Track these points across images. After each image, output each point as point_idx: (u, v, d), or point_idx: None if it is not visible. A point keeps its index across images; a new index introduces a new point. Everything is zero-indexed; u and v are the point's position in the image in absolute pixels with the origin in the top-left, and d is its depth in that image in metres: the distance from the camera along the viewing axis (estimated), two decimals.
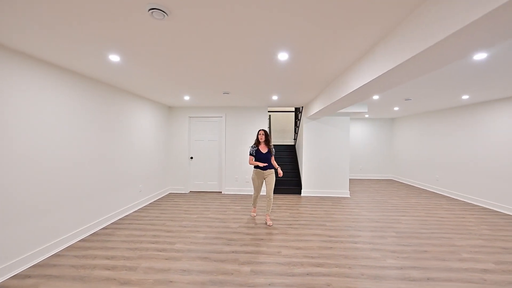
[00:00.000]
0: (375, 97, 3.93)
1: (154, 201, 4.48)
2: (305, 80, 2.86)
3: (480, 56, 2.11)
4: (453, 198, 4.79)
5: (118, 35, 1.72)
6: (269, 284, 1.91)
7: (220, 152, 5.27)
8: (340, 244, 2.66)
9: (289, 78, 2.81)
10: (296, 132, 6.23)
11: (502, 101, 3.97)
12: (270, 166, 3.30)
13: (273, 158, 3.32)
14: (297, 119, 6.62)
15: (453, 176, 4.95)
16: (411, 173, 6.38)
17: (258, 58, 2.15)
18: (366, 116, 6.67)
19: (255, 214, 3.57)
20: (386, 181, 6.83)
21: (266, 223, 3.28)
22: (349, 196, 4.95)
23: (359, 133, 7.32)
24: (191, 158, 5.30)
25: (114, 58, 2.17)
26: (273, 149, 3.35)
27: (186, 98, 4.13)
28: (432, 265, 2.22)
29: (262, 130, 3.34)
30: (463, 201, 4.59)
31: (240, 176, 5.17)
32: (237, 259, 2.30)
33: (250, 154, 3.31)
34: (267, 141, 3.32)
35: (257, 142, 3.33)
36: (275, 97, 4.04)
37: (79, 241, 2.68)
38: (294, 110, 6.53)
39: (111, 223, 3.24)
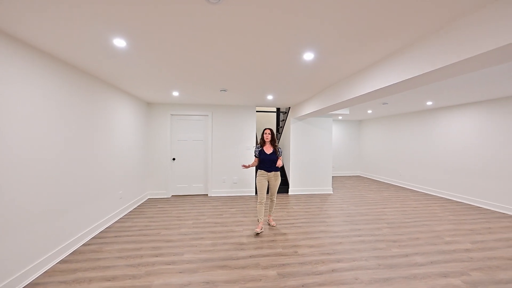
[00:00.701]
0: None
1: (135, 208, 3.98)
2: (310, 81, 2.92)
3: None
4: (415, 191, 5.55)
5: (138, 17, 1.46)
6: (302, 286, 1.89)
7: (206, 153, 4.99)
8: (347, 238, 2.80)
9: (297, 79, 2.83)
10: (279, 132, 6.33)
11: (458, 107, 4.77)
12: (276, 169, 3.06)
13: (280, 158, 3.08)
14: (279, 119, 6.74)
15: (414, 171, 5.72)
16: (377, 170, 7.15)
17: (277, 58, 2.10)
18: (340, 118, 7.20)
19: (259, 231, 2.85)
20: (356, 178, 7.50)
21: (269, 224, 3.23)
22: (332, 192, 5.26)
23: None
24: (173, 159, 4.89)
25: (120, 43, 1.84)
26: (280, 150, 3.13)
27: (175, 94, 3.79)
28: (429, 250, 2.52)
29: (268, 129, 3.13)
30: (424, 192, 5.35)
31: (228, 177, 5.00)
32: (258, 264, 2.21)
33: (255, 156, 3.12)
34: (273, 141, 3.10)
35: (262, 142, 3.12)
36: (270, 97, 4.03)
37: (58, 263, 2.20)
38: (276, 110, 6.63)
39: (91, 238, 2.75)
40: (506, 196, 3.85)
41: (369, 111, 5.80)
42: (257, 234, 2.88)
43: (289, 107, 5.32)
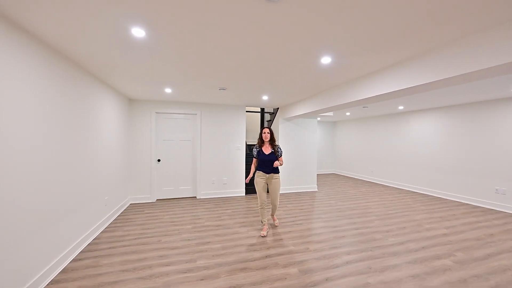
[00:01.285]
0: None
1: (119, 216, 3.60)
2: (316, 83, 3.04)
3: None
4: (386, 185, 6.20)
5: (167, 4, 1.35)
6: (326, 279, 1.97)
7: (195, 153, 4.78)
8: (347, 232, 3.00)
9: (304, 81, 2.92)
10: None
11: (424, 111, 5.48)
12: (275, 170, 2.92)
13: (281, 159, 2.93)
14: (263, 119, 6.81)
15: (385, 168, 6.39)
16: (350, 168, 7.76)
17: (294, 61, 2.16)
18: (318, 119, 7.62)
19: (265, 234, 2.86)
20: (332, 175, 8.02)
21: (273, 224, 3.24)
22: (317, 190, 5.55)
23: None
24: (158, 160, 4.55)
25: (138, 33, 1.67)
26: (280, 150, 2.99)
27: (168, 90, 3.54)
28: (417, 237, 2.86)
29: (267, 128, 3.02)
30: (394, 187, 6.01)
31: (217, 178, 4.87)
32: (277, 263, 2.23)
33: (254, 157, 3.05)
34: (272, 141, 3.00)
35: (260, 142, 3.03)
36: (265, 97, 4.06)
37: (49, 283, 1.88)
38: (260, 110, 6.68)
39: (80, 252, 2.41)
40: (461, 188, 4.58)
41: (348, 113, 6.28)
42: (263, 236, 2.86)
43: (277, 108, 5.43)
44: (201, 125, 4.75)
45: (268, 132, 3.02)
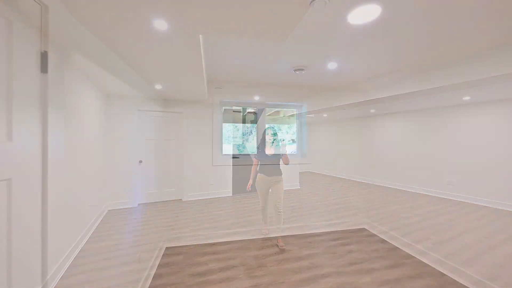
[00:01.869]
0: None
1: (100, 223, 3.24)
2: (311, 85, 3.22)
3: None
4: (359, 181, 6.81)
5: None
6: (337, 271, 2.13)
7: (180, 154, 4.56)
8: (344, 224, 3.25)
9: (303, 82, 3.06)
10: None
11: (392, 114, 6.18)
12: (278, 172, 2.82)
13: (285, 156, 2.79)
14: (245, 119, 6.81)
15: (356, 165, 7.02)
16: (325, 166, 8.31)
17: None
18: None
19: (267, 232, 2.96)
20: (308, 173, 8.47)
21: (277, 245, 2.60)
22: (299, 187, 5.81)
23: None
24: (140, 162, 4.22)
25: (161, 25, 1.56)
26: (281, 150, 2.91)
27: (158, 87, 3.33)
28: (399, 225, 3.25)
29: (270, 128, 2.95)
30: (365, 182, 6.65)
31: (204, 179, 4.72)
32: (288, 259, 2.31)
33: (254, 157, 2.97)
34: (276, 142, 2.92)
35: (263, 143, 2.96)
36: (257, 97, 4.11)
37: None
38: (241, 109, 6.68)
39: (69, 267, 2.12)
40: (421, 181, 5.33)
41: (325, 115, 6.72)
42: (266, 234, 2.90)
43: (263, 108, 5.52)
44: (187, 124, 4.55)
45: (271, 133, 2.90)
